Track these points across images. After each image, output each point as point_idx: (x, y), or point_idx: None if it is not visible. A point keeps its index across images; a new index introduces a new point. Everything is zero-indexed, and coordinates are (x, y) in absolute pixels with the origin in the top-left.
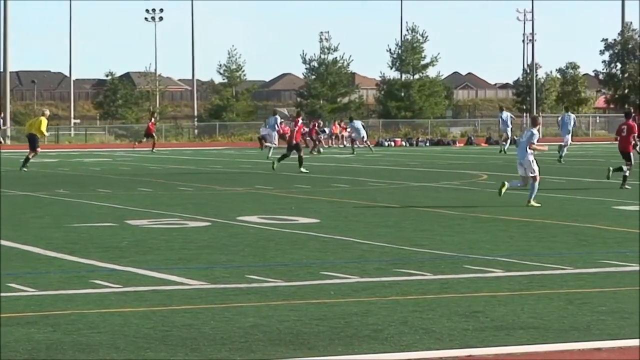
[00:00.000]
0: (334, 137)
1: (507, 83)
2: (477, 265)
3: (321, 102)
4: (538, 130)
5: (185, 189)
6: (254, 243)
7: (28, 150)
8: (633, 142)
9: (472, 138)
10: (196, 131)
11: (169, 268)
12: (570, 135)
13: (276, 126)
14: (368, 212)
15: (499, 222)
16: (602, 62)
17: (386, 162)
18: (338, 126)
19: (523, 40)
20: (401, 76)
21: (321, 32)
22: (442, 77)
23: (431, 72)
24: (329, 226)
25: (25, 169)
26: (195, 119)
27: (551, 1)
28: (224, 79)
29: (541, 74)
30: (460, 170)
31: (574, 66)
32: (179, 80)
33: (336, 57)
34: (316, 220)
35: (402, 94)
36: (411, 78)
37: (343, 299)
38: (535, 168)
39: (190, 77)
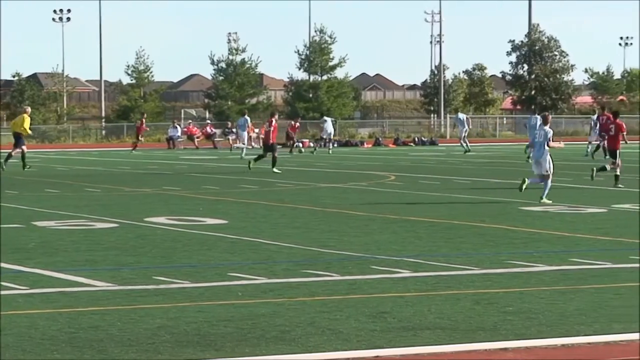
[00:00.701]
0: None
1: (415, 84)
2: (384, 265)
3: (229, 103)
4: (550, 128)
5: (92, 190)
6: (162, 244)
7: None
8: (622, 140)
9: (380, 139)
10: (104, 132)
11: (76, 269)
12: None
13: (246, 126)
14: (276, 213)
15: (407, 223)
16: (509, 63)
17: (294, 163)
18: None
19: (431, 42)
20: (309, 77)
21: (229, 33)
22: (350, 78)
23: (339, 73)
24: (237, 227)
25: (4, 168)
26: (103, 120)
27: (459, 3)
28: (131, 80)
29: (449, 75)
30: (368, 171)
31: (481, 67)
32: (87, 81)
33: (244, 58)
34: (224, 221)
35: (310, 95)
36: (319, 79)
37: (251, 300)
38: (550, 166)
39: (98, 78)
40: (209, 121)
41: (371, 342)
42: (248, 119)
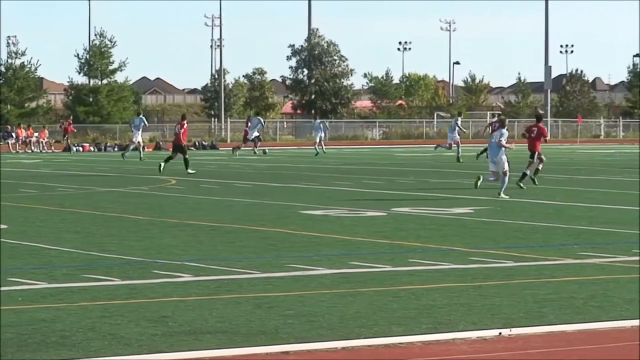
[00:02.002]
0: (20, 141)
1: (195, 88)
2: (165, 270)
3: (9, 107)
4: (507, 130)
5: None
6: None
7: None
8: (543, 142)
9: (161, 143)
10: None
11: None
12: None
13: (141, 126)
14: (56, 218)
15: (188, 227)
16: (289, 67)
17: (75, 168)
18: (24, 130)
19: (211, 46)
20: (89, 81)
21: (8, 37)
22: (131, 82)
23: (119, 77)
24: (16, 232)
25: None
26: None
27: (239, 7)
28: None
29: (229, 79)
30: (148, 176)
31: (262, 72)
32: None
33: (24, 62)
34: (3, 226)
35: (91, 99)
36: (99, 83)
37: (31, 305)
38: (506, 165)
39: None
40: None
41: (152, 346)
42: (144, 118)
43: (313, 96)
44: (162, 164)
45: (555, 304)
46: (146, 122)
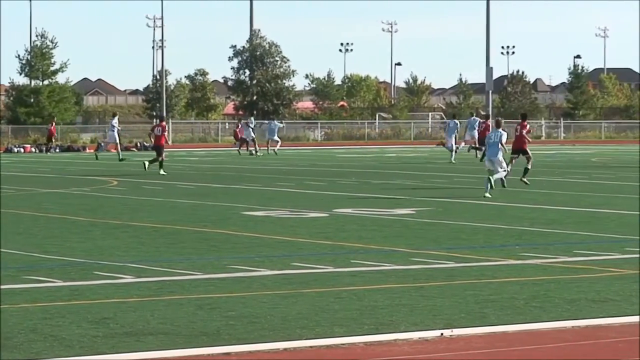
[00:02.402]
0: None
1: (137, 89)
2: (107, 271)
3: None
4: (504, 131)
5: None
6: None
7: None
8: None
9: (102, 144)
10: None
11: None
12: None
13: (115, 127)
14: None
15: (130, 229)
16: (231, 68)
17: (16, 169)
18: None
19: (153, 47)
20: (31, 82)
21: None
22: (72, 83)
23: (61, 78)
24: None
25: None
26: None
27: (181, 7)
28: None
29: (171, 80)
30: (90, 177)
31: (203, 73)
32: None
33: None
34: None
35: (32, 100)
36: (41, 84)
37: None
38: (504, 164)
39: None
40: None
41: (94, 348)
42: (117, 120)
43: (255, 97)
44: (147, 163)
45: (497, 305)
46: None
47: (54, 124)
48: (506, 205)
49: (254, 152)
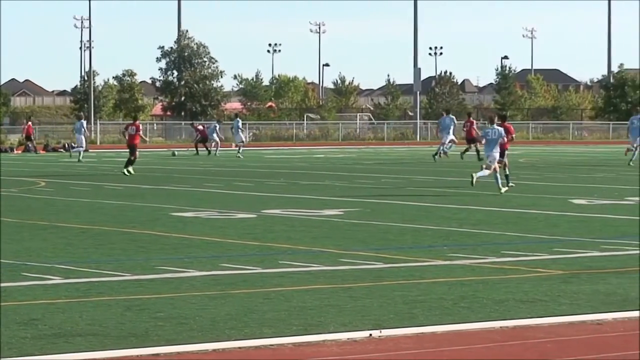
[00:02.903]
0: None
1: (65, 90)
2: (35, 272)
3: None
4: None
5: None
6: None
7: None
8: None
9: (29, 145)
10: None
11: None
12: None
13: (83, 130)
14: None
15: (57, 229)
16: (159, 69)
17: None
18: None
19: (81, 47)
20: None
21: None
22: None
23: None
24: None
25: None
26: None
27: (108, 8)
28: None
29: (99, 81)
30: (17, 178)
31: (131, 73)
32: None
33: None
34: None
35: None
36: None
37: None
38: (495, 163)
39: None
40: None
41: (22, 349)
42: (84, 122)
43: (183, 98)
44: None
45: (425, 305)
46: (85, 127)
47: (29, 123)
48: (434, 205)
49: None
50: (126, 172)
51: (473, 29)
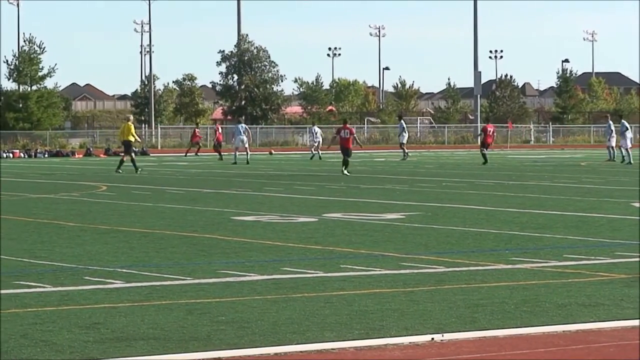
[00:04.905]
0: None
1: (125, 94)
2: (97, 276)
3: None
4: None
5: None
6: None
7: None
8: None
9: (91, 149)
10: None
11: None
12: None
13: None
14: None
15: (119, 234)
16: (219, 73)
17: (5, 174)
18: None
19: (141, 52)
20: (19, 87)
21: None
22: (60, 89)
23: (49, 83)
24: None
25: (120, 171)
26: None
27: (169, 13)
28: None
29: (159, 85)
30: (79, 182)
31: (191, 78)
32: None
33: None
34: None
35: (20, 106)
36: (29, 89)
37: None
38: None
39: None
40: None
41: (85, 353)
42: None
43: (243, 102)
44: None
45: (487, 309)
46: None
47: None
48: (495, 209)
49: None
50: (345, 172)
51: (533, 32)
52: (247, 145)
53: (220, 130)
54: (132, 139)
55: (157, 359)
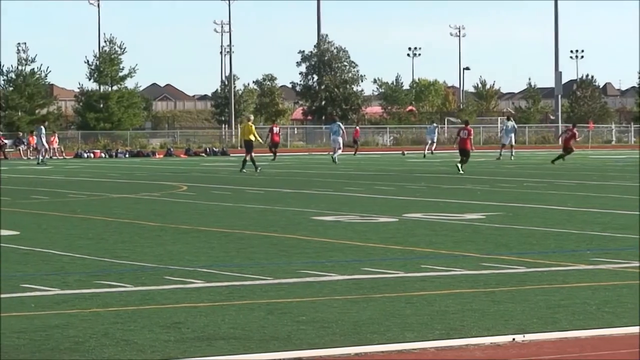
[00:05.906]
0: (31, 148)
1: (205, 94)
2: (177, 276)
3: (19, 113)
4: None
5: None
6: None
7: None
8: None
9: (172, 149)
10: None
11: None
12: None
13: (41, 135)
14: (68, 224)
15: (200, 233)
16: (299, 73)
17: (86, 174)
18: (36, 138)
19: (221, 52)
20: (100, 87)
21: (18, 44)
22: (141, 89)
23: (129, 84)
24: (29, 238)
25: (244, 171)
26: None
27: (248, 13)
28: None
29: (239, 85)
30: (160, 182)
31: (271, 78)
32: None
33: (34, 69)
34: (16, 232)
35: (101, 106)
36: (110, 89)
37: (44, 312)
38: None
39: None
40: None
41: (165, 352)
42: (43, 128)
43: (323, 102)
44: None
45: (568, 310)
46: (43, 133)
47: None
48: (576, 210)
49: None
50: (460, 169)
51: (614, 32)
52: (340, 145)
53: (275, 130)
54: (253, 138)
55: (237, 359)
